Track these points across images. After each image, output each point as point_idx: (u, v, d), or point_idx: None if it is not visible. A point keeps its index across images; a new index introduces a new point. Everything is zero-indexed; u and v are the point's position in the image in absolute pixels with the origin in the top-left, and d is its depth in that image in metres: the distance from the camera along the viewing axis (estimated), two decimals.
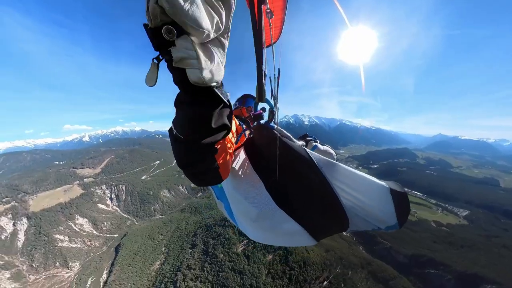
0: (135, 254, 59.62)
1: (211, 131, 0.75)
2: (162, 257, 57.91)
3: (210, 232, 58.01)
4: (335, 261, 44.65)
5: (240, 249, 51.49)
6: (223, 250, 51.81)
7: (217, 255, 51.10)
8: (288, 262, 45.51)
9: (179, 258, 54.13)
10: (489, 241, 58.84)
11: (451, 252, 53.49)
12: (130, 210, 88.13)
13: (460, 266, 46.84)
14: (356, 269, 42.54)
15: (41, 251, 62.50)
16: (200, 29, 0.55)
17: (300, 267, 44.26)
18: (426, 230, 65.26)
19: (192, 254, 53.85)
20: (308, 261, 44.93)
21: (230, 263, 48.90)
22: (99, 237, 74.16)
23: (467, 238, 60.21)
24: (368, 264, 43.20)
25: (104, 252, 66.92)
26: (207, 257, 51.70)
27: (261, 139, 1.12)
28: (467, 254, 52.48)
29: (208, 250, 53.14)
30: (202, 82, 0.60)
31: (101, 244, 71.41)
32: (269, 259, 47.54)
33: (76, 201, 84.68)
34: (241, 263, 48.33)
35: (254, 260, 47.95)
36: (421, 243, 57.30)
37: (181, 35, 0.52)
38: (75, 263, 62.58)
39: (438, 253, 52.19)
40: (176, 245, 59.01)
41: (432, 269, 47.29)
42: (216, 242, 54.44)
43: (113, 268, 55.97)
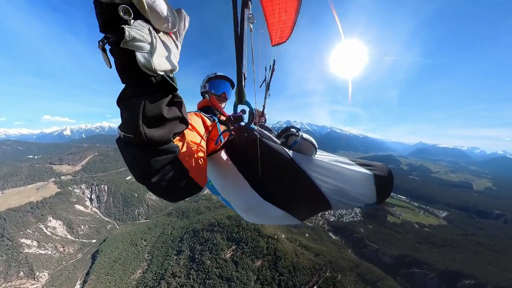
0: (114, 262, 54.95)
1: (164, 122, 0.69)
2: (145, 264, 53.96)
3: (198, 238, 55.33)
4: (324, 265, 44.59)
5: (228, 255, 49.47)
6: (210, 256, 49.41)
7: (204, 261, 48.59)
8: (277, 268, 44.58)
9: (163, 265, 50.74)
10: (466, 239, 63.48)
11: (432, 252, 56.66)
12: (111, 213, 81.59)
13: (441, 264, 49.67)
14: (345, 272, 42.85)
15: (2, 258, 54.48)
16: (162, 16, 0.56)
17: (290, 272, 43.55)
18: (410, 231, 68.67)
19: (177, 261, 50.73)
20: (297, 266, 44.34)
21: (218, 269, 46.68)
22: (74, 243, 67.25)
23: (447, 238, 64.32)
24: (356, 267, 43.77)
25: (79, 259, 60.89)
26: (194, 263, 48.99)
27: (241, 140, 1.16)
28: (447, 253, 55.98)
29: (195, 256, 50.44)
30: (151, 67, 0.56)
31: (75, 251, 64.85)
32: (258, 265, 46.23)
33: (50, 201, 76.44)
34: (229, 269, 46.34)
35: (243, 266, 46.30)
36: (405, 244, 60.08)
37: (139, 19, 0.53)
38: (43, 273, 55.52)
39: (421, 253, 55.00)
40: (160, 252, 55.37)
41: (417, 269, 49.42)
42: (203, 248, 51.92)
43: (88, 278, 50.91)
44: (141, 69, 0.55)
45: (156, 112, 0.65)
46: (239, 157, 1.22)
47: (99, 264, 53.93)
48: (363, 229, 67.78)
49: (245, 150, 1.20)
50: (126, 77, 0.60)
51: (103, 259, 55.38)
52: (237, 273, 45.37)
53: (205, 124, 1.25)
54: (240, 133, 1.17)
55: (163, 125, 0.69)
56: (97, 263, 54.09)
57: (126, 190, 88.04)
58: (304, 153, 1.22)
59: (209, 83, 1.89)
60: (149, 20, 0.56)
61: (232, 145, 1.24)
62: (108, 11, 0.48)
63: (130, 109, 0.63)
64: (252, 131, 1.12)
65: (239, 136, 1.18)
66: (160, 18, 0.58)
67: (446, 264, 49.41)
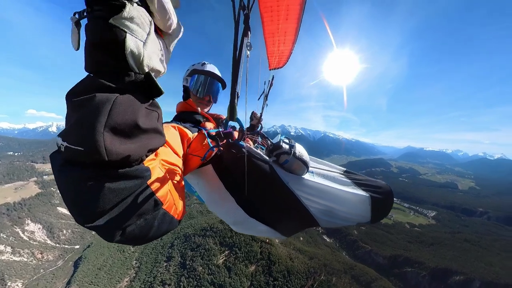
0: (99, 270, 51.50)
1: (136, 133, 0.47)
2: (132, 272, 50.98)
3: (189, 243, 53.10)
4: (319, 268, 44.26)
5: (221, 260, 47.75)
6: (202, 262, 47.40)
7: (196, 267, 46.51)
8: (271, 273, 43.64)
9: (152, 272, 48.13)
10: (454, 237, 66.11)
11: (423, 250, 58.29)
12: None
13: (431, 262, 51.24)
14: (339, 274, 42.71)
15: None
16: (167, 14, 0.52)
17: (284, 277, 42.74)
18: (401, 231, 70.37)
19: (167, 267, 48.26)
20: (292, 270, 43.65)
21: (210, 276, 44.91)
22: (54, 249, 62.34)
23: (436, 236, 66.74)
24: (350, 269, 43.73)
25: (59, 267, 56.59)
26: (184, 270, 46.75)
27: (229, 157, 1.13)
28: (437, 251, 58.00)
29: (186, 262, 48.16)
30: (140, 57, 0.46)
31: (56, 258, 60.22)
32: (252, 270, 45.03)
33: (30, 202, 70.90)
34: (222, 275, 44.69)
35: (236, 272, 44.82)
36: (397, 244, 61.32)
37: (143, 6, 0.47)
38: (16, 283, 50.75)
39: (413, 252, 56.30)
40: (149, 258, 52.63)
41: (409, 268, 50.45)
42: (195, 253, 49.72)
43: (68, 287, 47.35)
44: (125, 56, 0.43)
45: (129, 118, 0.45)
46: (226, 173, 1.19)
47: (82, 272, 50.26)
48: (356, 231, 68.54)
49: (233, 167, 1.16)
50: (98, 61, 0.44)
51: (86, 267, 51.73)
52: (230, 279, 43.84)
53: (184, 138, 1.04)
54: (229, 149, 1.13)
55: (134, 137, 0.47)
56: (79, 271, 50.42)
57: None
58: (295, 172, 1.19)
59: (191, 78, 1.43)
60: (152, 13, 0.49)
61: (219, 161, 1.19)
62: None
63: (89, 107, 0.41)
64: (240, 148, 1.10)
65: (227, 153, 1.14)
66: (165, 15, 0.52)
67: (436, 262, 50.99)
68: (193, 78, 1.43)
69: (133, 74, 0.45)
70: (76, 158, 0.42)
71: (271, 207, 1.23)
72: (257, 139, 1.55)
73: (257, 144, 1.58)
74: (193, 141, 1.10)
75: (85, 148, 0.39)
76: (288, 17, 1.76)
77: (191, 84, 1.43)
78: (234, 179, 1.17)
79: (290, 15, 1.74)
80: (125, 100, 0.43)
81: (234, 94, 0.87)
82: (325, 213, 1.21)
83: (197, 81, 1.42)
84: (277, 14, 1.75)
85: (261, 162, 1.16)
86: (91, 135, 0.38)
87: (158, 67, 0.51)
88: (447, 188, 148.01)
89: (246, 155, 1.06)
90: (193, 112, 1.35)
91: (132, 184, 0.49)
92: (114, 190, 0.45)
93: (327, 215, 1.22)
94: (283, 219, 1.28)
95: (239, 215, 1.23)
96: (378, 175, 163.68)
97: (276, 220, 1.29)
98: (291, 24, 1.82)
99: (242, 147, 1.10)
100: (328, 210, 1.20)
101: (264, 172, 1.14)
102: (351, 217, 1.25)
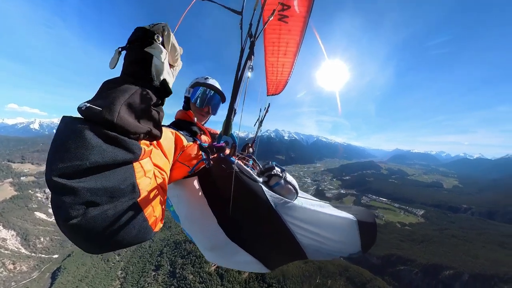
0: (80, 281, 47.46)
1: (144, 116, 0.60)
2: (118, 283, 47.40)
3: (179, 250, 50.64)
4: (314, 271, 43.72)
5: (213, 267, 45.63)
6: (193, 270, 45.16)
7: (186, 276, 44.17)
8: (265, 279, 42.29)
9: (139, 283, 45.19)
10: (442, 233, 68.86)
11: (414, 248, 59.86)
12: None
13: (423, 259, 52.80)
14: (335, 277, 42.42)
15: None
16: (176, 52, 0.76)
17: (279, 282, 41.60)
18: (393, 231, 72.12)
19: (155, 277, 45.56)
20: (287, 275, 42.73)
21: (201, 284, 42.81)
22: (29, 258, 56.65)
23: (425, 234, 69.06)
24: (345, 271, 43.61)
25: (33, 279, 51.45)
26: (174, 279, 44.36)
27: (218, 172, 1.09)
28: (427, 248, 59.71)
29: (176, 271, 45.78)
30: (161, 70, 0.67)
31: (30, 268, 54.71)
32: (245, 277, 43.31)
33: (3, 206, 64.42)
34: (214, 283, 42.79)
35: (229, 279, 43.13)
36: (390, 243, 62.28)
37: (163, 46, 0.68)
38: None
39: (405, 250, 57.59)
40: (136, 267, 49.42)
41: (402, 266, 51.56)
42: (185, 261, 47.34)
43: None
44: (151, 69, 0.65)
45: (144, 102, 0.60)
46: (212, 189, 1.14)
47: (61, 285, 46.00)
48: None
49: (220, 183, 1.11)
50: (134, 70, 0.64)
51: (65, 278, 47.47)
52: (222, 287, 42.04)
53: (178, 145, 1.07)
54: (219, 163, 1.08)
55: (141, 119, 0.59)
56: (57, 283, 46.14)
57: None
58: (285, 196, 1.17)
59: (194, 90, 1.54)
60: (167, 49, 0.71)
61: (207, 175, 1.14)
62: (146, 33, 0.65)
63: (120, 88, 0.57)
64: (231, 164, 1.05)
65: (216, 167, 1.08)
66: (174, 52, 0.76)
67: (427, 258, 52.57)
68: (195, 90, 1.51)
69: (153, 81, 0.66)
70: (91, 117, 0.49)
71: (256, 231, 1.17)
72: (248, 162, 1.49)
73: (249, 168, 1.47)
74: (185, 150, 1.09)
75: (104, 108, 0.50)
76: (287, 52, 2.02)
77: (192, 95, 1.51)
78: (219, 196, 1.12)
79: (289, 51, 2.00)
80: (143, 92, 0.61)
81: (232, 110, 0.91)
82: (313, 242, 1.16)
83: (198, 93, 1.50)
84: (278, 48, 2.01)
85: (251, 180, 1.10)
86: (112, 103, 0.52)
87: (169, 80, 0.71)
88: (434, 188, 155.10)
89: (235, 171, 1.02)
90: (190, 122, 1.43)
91: (120, 154, 0.52)
92: (103, 150, 0.48)
93: (315, 244, 1.16)
94: (268, 246, 1.19)
95: (219, 237, 1.15)
96: (369, 177, 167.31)
97: (259, 247, 1.20)
98: (288, 58, 2.09)
99: (232, 163, 1.06)
100: (316, 239, 1.16)
101: (253, 191, 1.08)
102: (340, 246, 1.21)
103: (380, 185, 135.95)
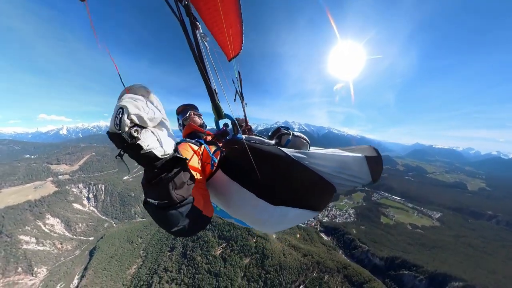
0: (111, 258, 56.42)
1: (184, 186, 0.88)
2: (140, 260, 55.38)
3: None
4: (312, 265, 45.23)
5: (218, 252, 50.89)
6: (201, 253, 50.91)
7: (195, 257, 50.08)
8: (264, 266, 45.63)
9: (157, 261, 52.07)
10: (457, 241, 63.40)
11: (423, 253, 56.65)
12: (108, 212, 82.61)
13: (430, 266, 49.49)
14: (332, 273, 43.41)
15: (1, 254, 55.40)
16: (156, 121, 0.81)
17: (276, 271, 44.49)
18: (402, 232, 68.72)
19: (170, 256, 52.11)
20: (284, 265, 45.21)
21: (207, 265, 48.11)
22: (72, 240, 68.57)
23: (438, 239, 64.29)
24: (344, 268, 44.13)
25: (76, 256, 62.28)
26: (185, 259, 50.43)
27: (234, 153, 1.14)
28: (437, 255, 55.95)
29: (187, 252, 51.86)
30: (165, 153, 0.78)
31: (73, 248, 66.23)
32: (246, 262, 47.42)
33: (48, 199, 77.29)
34: (218, 265, 47.72)
35: (231, 262, 47.62)
36: (396, 245, 60.10)
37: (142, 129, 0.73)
38: (42, 269, 56.74)
39: (412, 254, 54.96)
40: (155, 248, 56.63)
41: (406, 271, 49.34)
42: (195, 244, 53.42)
43: (85, 273, 52.33)
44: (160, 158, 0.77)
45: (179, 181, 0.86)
46: (237, 171, 1.20)
47: (96, 260, 55.31)
48: (355, 230, 67.69)
49: (240, 162, 1.18)
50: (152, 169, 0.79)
51: (100, 255, 56.74)
52: (225, 269, 46.66)
53: (194, 152, 1.30)
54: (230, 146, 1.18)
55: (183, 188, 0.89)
56: (94, 259, 55.45)
57: (123, 189, 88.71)
58: (300, 148, 1.31)
59: (179, 116, 2.06)
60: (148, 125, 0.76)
61: (226, 162, 1.23)
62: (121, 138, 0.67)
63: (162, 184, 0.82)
64: (240, 141, 1.13)
65: (230, 150, 1.18)
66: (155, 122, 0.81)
67: (436, 266, 49.39)
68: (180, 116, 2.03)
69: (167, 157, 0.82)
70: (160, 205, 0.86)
71: (291, 186, 1.25)
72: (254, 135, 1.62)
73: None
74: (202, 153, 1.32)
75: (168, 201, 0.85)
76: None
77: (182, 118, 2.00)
78: (246, 173, 1.17)
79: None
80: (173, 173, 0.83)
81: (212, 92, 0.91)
82: (335, 177, 1.30)
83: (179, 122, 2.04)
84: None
85: (265, 146, 1.19)
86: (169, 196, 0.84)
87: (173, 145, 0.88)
88: (456, 188, 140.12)
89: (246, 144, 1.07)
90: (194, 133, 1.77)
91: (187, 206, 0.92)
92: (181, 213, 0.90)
93: (336, 178, 1.30)
94: (306, 193, 1.30)
95: (265, 208, 1.23)
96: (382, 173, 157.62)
97: (301, 197, 1.30)
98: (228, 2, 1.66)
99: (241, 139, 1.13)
100: (336, 174, 1.29)
101: (271, 154, 1.16)
102: (355, 178, 1.37)
103: (394, 182, 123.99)
